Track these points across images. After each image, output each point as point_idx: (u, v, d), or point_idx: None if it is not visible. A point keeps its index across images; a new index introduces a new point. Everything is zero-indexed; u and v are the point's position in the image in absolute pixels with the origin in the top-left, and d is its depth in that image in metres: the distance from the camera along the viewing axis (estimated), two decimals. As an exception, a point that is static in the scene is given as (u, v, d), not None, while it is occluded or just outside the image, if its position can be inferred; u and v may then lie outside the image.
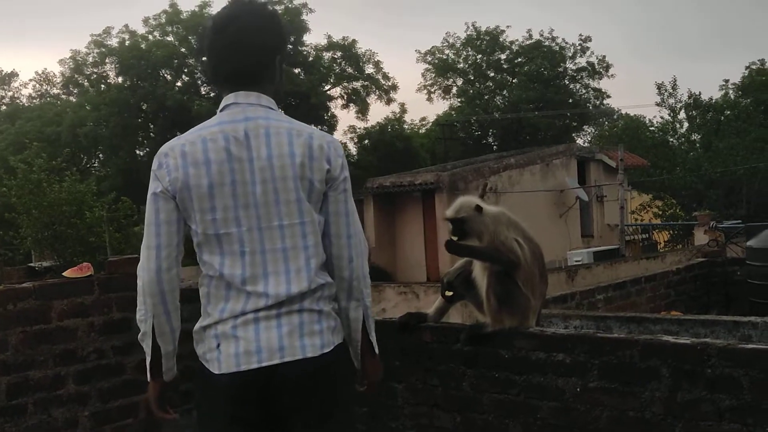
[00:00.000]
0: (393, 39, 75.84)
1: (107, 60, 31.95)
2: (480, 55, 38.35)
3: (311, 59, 32.06)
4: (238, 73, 2.13)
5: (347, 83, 34.38)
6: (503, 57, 38.13)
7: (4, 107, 41.27)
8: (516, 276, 2.91)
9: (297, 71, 30.86)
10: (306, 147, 2.09)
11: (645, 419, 2.60)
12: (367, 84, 34.50)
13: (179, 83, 31.81)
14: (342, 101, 34.51)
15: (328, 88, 33.62)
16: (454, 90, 39.56)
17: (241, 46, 2.11)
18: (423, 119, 39.75)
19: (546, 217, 18.22)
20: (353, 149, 33.78)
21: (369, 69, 34.71)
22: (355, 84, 34.48)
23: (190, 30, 31.19)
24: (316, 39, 40.56)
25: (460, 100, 39.12)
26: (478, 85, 38.85)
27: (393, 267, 17.97)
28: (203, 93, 32.07)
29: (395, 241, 18.08)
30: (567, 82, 37.81)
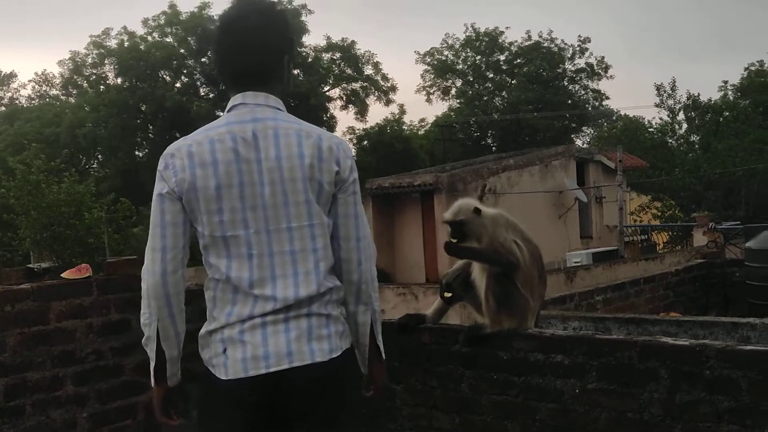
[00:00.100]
0: (392, 40, 75.90)
1: (106, 61, 31.98)
2: (479, 56, 38.38)
3: (310, 60, 32.08)
4: (246, 73, 2.10)
5: (346, 84, 34.44)
6: (502, 58, 38.17)
7: (3, 108, 41.25)
8: (515, 277, 2.91)
9: (296, 72, 30.90)
10: (315, 148, 2.06)
11: (644, 420, 2.60)
12: (366, 85, 34.55)
13: (178, 84, 31.83)
14: (341, 102, 34.60)
15: (327, 89, 33.65)
16: (453, 91, 39.63)
17: (250, 45, 2.08)
18: (422, 120, 39.85)
19: (545, 219, 18.22)
20: (352, 150, 33.79)
21: (368, 70, 34.81)
22: (355, 85, 34.53)
23: (189, 31, 31.22)
24: (315, 40, 40.51)
25: (459, 101, 39.16)
26: (477, 86, 38.89)
27: (392, 268, 17.94)
28: (202, 94, 32.10)
29: (394, 242, 18.06)
30: (566, 83, 37.88)
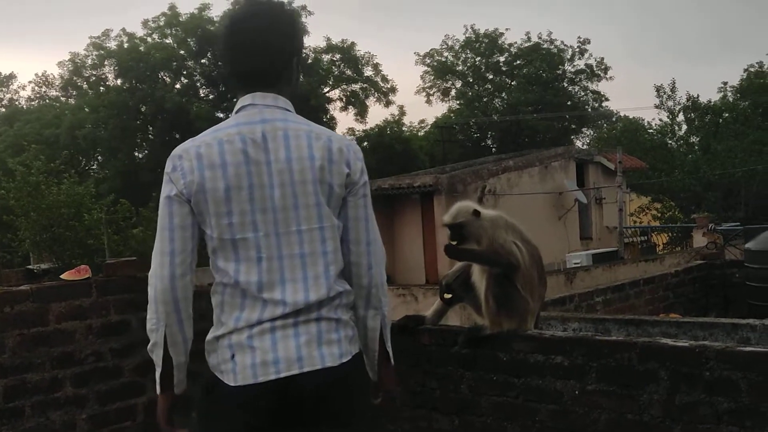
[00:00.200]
0: (392, 41, 75.92)
1: (106, 62, 32.01)
2: (479, 58, 38.41)
3: (310, 61, 32.09)
4: (254, 74, 2.06)
5: (346, 86, 34.47)
6: (502, 59, 38.19)
7: (2, 109, 41.27)
8: (515, 279, 2.91)
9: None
10: (325, 150, 2.03)
11: (643, 422, 2.59)
12: (366, 86, 34.59)
13: (178, 85, 31.85)
14: (341, 103, 34.64)
15: (327, 90, 33.67)
16: (452, 92, 39.65)
17: (260, 45, 2.05)
18: (422, 121, 39.86)
19: (545, 220, 18.22)
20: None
21: (368, 71, 34.86)
22: (354, 86, 34.57)
23: (189, 32, 31.24)
24: (315, 41, 40.47)
25: (458, 102, 39.18)
26: (476, 88, 38.91)
27: (391, 269, 17.93)
28: (202, 95, 32.12)
29: (394, 244, 18.05)
30: (566, 84, 37.90)
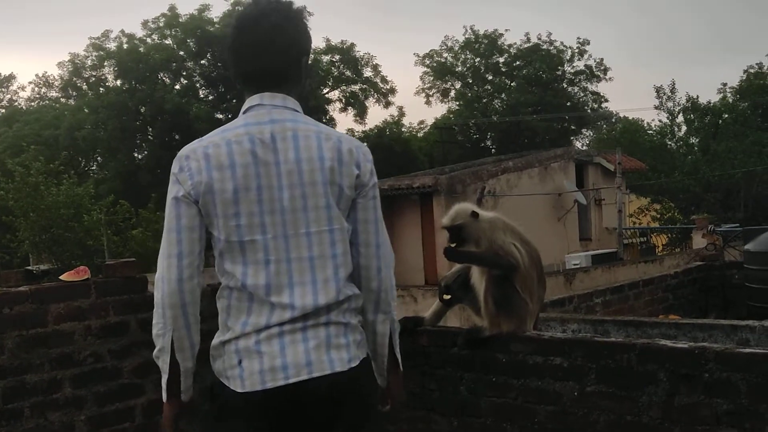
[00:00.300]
0: (391, 42, 75.95)
1: (106, 63, 32.03)
2: (478, 59, 38.40)
3: (310, 62, 32.09)
4: (263, 74, 2.03)
5: (345, 86, 34.49)
6: (501, 60, 38.19)
7: (2, 110, 41.29)
8: (514, 280, 2.90)
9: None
10: (335, 151, 2.00)
11: (642, 423, 2.59)
12: (366, 87, 34.62)
13: (177, 86, 31.86)
14: (340, 104, 34.67)
15: (326, 91, 33.69)
16: (452, 93, 39.63)
17: (269, 45, 2.02)
18: (421, 122, 39.92)
19: (544, 221, 18.22)
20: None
21: (367, 72, 34.88)
22: (354, 87, 34.60)
23: (188, 33, 31.25)
24: (314, 42, 40.03)
25: (458, 103, 39.16)
26: (476, 89, 38.90)
27: (391, 270, 17.93)
28: (201, 96, 32.12)
29: (393, 244, 17.98)
30: (565, 85, 37.90)
